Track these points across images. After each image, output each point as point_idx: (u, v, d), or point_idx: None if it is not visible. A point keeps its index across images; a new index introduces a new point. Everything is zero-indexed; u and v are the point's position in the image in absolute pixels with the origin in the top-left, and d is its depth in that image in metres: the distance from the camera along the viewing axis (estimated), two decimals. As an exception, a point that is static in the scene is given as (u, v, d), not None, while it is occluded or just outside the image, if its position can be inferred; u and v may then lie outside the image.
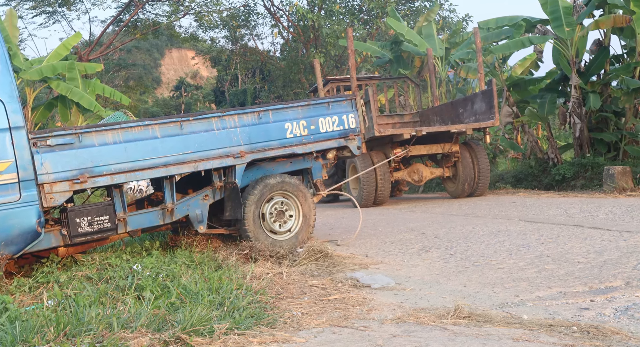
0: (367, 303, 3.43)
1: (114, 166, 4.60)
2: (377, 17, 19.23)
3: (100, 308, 2.86)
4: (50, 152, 4.32)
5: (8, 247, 4.01)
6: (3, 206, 3.97)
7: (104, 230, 4.54)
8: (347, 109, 5.87)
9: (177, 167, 4.92)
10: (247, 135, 5.30)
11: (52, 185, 4.30)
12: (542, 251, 4.56)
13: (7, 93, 4.11)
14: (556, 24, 10.26)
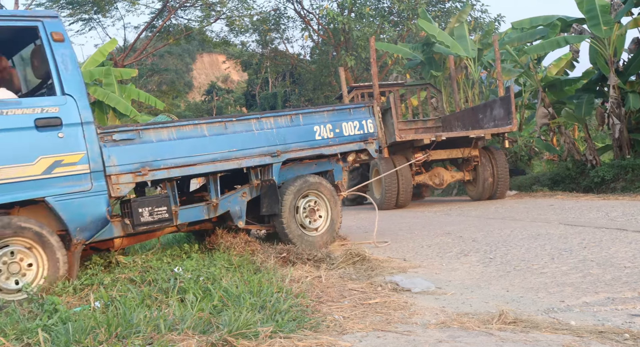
0: (408, 307, 3.40)
1: (169, 161, 4.94)
2: (407, 19, 19.13)
3: (147, 310, 2.90)
4: (115, 146, 4.65)
5: (83, 232, 4.37)
6: (78, 195, 4.30)
7: (162, 220, 4.87)
8: (366, 115, 6.35)
9: (223, 164, 5.27)
10: (282, 136, 5.69)
11: (118, 176, 4.62)
12: (585, 255, 4.47)
13: (78, 91, 4.40)
14: (593, 22, 10.05)
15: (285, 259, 5.05)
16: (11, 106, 4.13)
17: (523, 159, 14.21)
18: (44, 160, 4.16)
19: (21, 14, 4.52)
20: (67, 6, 20.47)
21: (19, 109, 4.14)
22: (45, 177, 4.14)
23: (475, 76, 14.32)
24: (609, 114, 10.41)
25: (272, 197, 5.64)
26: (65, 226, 4.26)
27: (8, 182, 3.99)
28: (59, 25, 4.47)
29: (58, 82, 4.34)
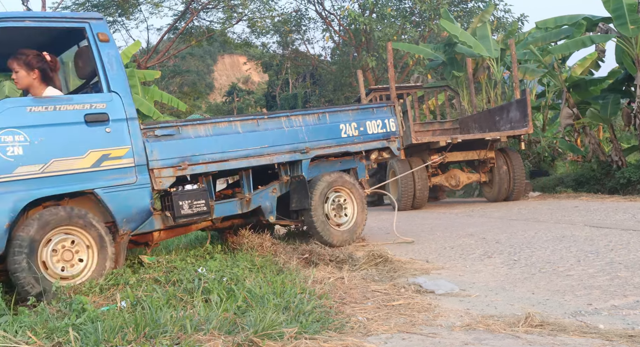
0: (432, 309, 3.38)
1: (207, 156, 5.12)
2: (429, 19, 19.03)
3: (173, 310, 2.92)
4: (157, 141, 4.85)
5: (129, 224, 4.58)
6: (124, 187, 4.51)
7: (201, 213, 5.02)
8: (388, 114, 6.57)
9: (256, 159, 5.46)
10: (310, 133, 5.87)
11: (160, 170, 4.82)
12: (612, 258, 4.40)
13: (123, 88, 4.61)
14: (620, 21, 9.89)
15: (308, 260, 5.06)
16: (63, 102, 4.34)
17: (546, 160, 14.04)
18: (93, 153, 4.35)
19: (70, 15, 4.71)
20: (92, 9, 20.74)
21: (70, 105, 4.35)
22: (94, 170, 4.35)
23: (498, 76, 14.19)
24: (635, 114, 10.24)
25: (302, 193, 5.80)
26: (112, 217, 4.46)
27: (61, 174, 4.19)
28: (104, 26, 4.66)
29: (104, 80, 4.54)
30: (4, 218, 3.94)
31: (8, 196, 3.97)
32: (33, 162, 4.08)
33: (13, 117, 4.09)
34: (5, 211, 3.95)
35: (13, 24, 4.31)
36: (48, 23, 4.54)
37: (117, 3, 20.46)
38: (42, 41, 4.74)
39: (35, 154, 4.10)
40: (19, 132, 4.07)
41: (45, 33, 4.65)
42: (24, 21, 4.37)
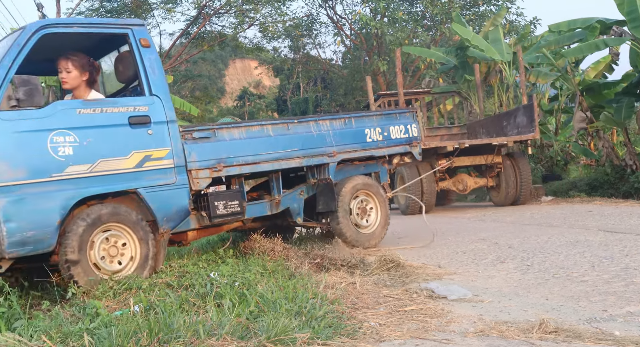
0: (445, 315, 3.36)
1: (240, 158, 5.29)
2: (441, 23, 18.99)
3: (186, 315, 2.93)
4: (194, 143, 5.01)
5: (168, 222, 4.74)
6: (165, 187, 4.67)
7: (235, 213, 5.20)
8: (411, 120, 6.73)
9: (286, 162, 5.62)
10: (337, 137, 6.03)
11: (197, 171, 4.97)
12: (627, 263, 4.35)
13: (163, 92, 4.78)
14: (634, 24, 9.82)
15: (319, 264, 5.06)
16: (109, 105, 4.52)
17: (559, 164, 13.93)
18: (136, 154, 4.52)
19: (114, 22, 4.90)
20: (106, 14, 20.93)
21: (115, 107, 4.53)
22: (137, 170, 4.51)
23: (510, 80, 14.12)
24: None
25: (329, 195, 5.94)
26: (153, 215, 4.61)
27: (107, 174, 4.35)
28: (145, 32, 4.85)
29: (146, 84, 4.71)
30: (55, 215, 4.08)
31: (59, 194, 4.12)
32: (82, 162, 4.24)
33: (64, 118, 4.25)
34: (57, 209, 4.09)
35: (63, 29, 4.47)
36: (94, 29, 4.72)
37: (130, 8, 20.62)
38: (84, 46, 4.90)
39: (83, 154, 4.26)
40: (69, 133, 4.23)
41: (89, 38, 4.82)
42: (72, 27, 4.55)
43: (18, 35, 4.31)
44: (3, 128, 3.99)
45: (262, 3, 21.51)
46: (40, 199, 4.04)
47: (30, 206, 3.99)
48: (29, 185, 4.01)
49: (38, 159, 4.07)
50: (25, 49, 4.21)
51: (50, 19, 4.66)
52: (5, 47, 4.34)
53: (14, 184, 3.96)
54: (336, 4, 22.50)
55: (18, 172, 3.99)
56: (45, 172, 4.08)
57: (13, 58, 4.15)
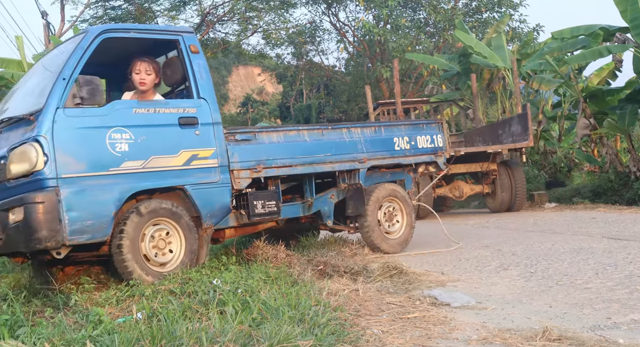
0: (448, 322, 3.36)
1: (278, 161, 5.53)
2: (444, 30, 19.02)
3: (188, 322, 2.93)
4: (237, 145, 5.26)
5: (211, 219, 4.99)
6: (209, 185, 4.93)
7: (272, 213, 5.41)
8: (436, 130, 6.93)
9: (320, 166, 5.85)
10: (367, 145, 6.24)
11: (239, 171, 5.22)
12: (631, 271, 4.34)
13: (210, 96, 5.05)
14: (637, 31, 9.82)
15: (322, 271, 5.05)
16: (161, 106, 4.82)
17: (563, 170, 13.91)
18: (185, 153, 4.78)
19: (167, 28, 5.30)
20: (109, 22, 21.04)
21: (167, 108, 4.82)
22: (185, 168, 4.78)
23: (513, 87, 14.12)
24: (653, 125, 10.14)
25: (359, 200, 6.10)
26: (198, 212, 4.85)
27: (158, 170, 4.63)
28: (194, 39, 5.14)
29: (195, 88, 4.99)
30: (111, 207, 4.33)
31: (116, 187, 4.38)
32: (136, 158, 4.51)
33: (121, 117, 4.53)
34: (113, 201, 4.35)
35: (122, 34, 4.81)
36: (149, 35, 5.07)
37: (134, 16, 20.73)
38: (137, 50, 5.14)
39: (138, 151, 4.52)
40: (126, 131, 4.50)
41: (141, 43, 5.08)
42: (130, 32, 4.87)
43: (81, 38, 4.59)
44: (68, 124, 4.27)
45: (266, 10, 21.61)
46: (99, 191, 4.30)
47: (89, 197, 4.25)
48: (89, 177, 4.28)
49: (97, 153, 4.35)
50: (88, 51, 4.50)
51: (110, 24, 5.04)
52: (69, 49, 4.61)
53: (76, 176, 4.23)
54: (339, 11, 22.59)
55: (80, 165, 4.26)
56: (103, 166, 4.36)
57: (78, 59, 4.44)
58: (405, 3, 20.12)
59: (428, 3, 19.09)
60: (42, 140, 4.14)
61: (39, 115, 4.24)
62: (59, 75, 4.37)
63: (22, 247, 4.20)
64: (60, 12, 18.98)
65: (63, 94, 4.30)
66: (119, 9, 20.98)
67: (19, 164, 4.18)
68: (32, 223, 4.04)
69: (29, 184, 4.17)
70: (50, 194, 4.09)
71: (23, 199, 4.12)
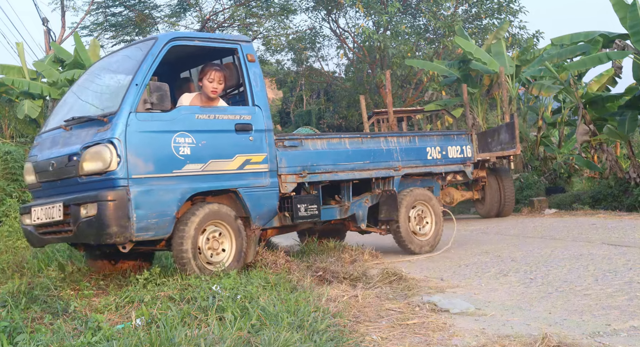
0: (447, 329, 3.36)
1: (321, 167, 5.81)
2: (443, 36, 19.04)
3: (187, 329, 2.93)
4: (284, 151, 5.53)
5: (260, 220, 5.25)
6: (259, 188, 5.20)
7: (313, 216, 5.68)
8: (466, 141, 7.25)
9: (359, 173, 6.15)
10: (402, 153, 6.56)
11: (286, 176, 5.49)
12: (631, 277, 4.33)
13: (264, 103, 5.33)
14: (637, 38, 9.84)
15: (322, 277, 5.05)
16: (220, 112, 5.10)
17: (563, 176, 13.90)
18: (239, 158, 5.06)
19: (227, 37, 5.56)
20: (110, 28, 21.10)
21: (225, 114, 5.09)
22: (239, 172, 5.05)
23: (513, 93, 14.15)
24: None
25: (392, 205, 6.38)
26: (248, 213, 5.12)
27: (215, 173, 4.90)
28: (252, 48, 5.39)
29: (250, 95, 5.27)
30: (173, 207, 4.61)
31: (178, 188, 4.66)
32: (197, 161, 4.77)
33: (186, 122, 4.79)
34: (175, 201, 4.62)
35: (187, 42, 5.10)
36: (211, 43, 5.34)
37: (134, 22, 20.79)
38: (196, 57, 5.47)
39: (199, 154, 4.79)
40: (189, 135, 4.76)
41: (202, 50, 5.36)
42: (194, 40, 5.20)
43: (151, 45, 4.84)
44: (139, 127, 4.53)
45: (266, 17, 21.68)
46: (163, 191, 4.58)
47: (155, 197, 4.53)
48: (155, 178, 4.56)
49: (163, 156, 4.62)
50: (158, 58, 4.77)
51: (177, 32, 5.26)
52: (139, 55, 4.88)
53: (144, 176, 4.51)
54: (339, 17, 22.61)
55: (148, 166, 4.54)
56: (168, 168, 4.63)
57: (149, 66, 4.70)
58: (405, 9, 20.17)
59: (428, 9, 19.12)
60: (116, 142, 4.40)
61: (112, 117, 4.49)
62: (132, 80, 4.61)
63: (92, 240, 4.48)
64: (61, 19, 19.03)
65: (135, 99, 4.55)
66: (120, 16, 21.04)
67: (93, 162, 4.45)
68: (104, 219, 4.32)
69: (102, 182, 4.46)
70: (121, 192, 4.38)
71: (97, 196, 4.38)
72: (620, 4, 10.40)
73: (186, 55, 5.47)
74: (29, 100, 11.31)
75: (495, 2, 19.33)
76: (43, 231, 4.85)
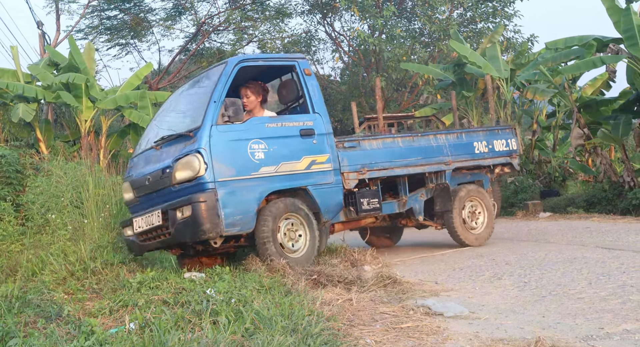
0: (441, 332, 3.36)
1: (379, 164, 6.36)
2: (438, 40, 19.10)
3: (181, 333, 2.92)
4: (345, 151, 6.12)
5: (328, 214, 5.89)
6: (326, 185, 5.82)
7: (375, 209, 6.27)
8: (510, 135, 7.63)
9: (413, 169, 6.66)
10: (452, 149, 6.99)
11: (348, 174, 6.06)
12: (624, 281, 4.35)
13: (322, 110, 5.99)
14: (630, 42, 9.89)
15: (316, 281, 5.04)
16: (286, 120, 5.81)
17: (557, 180, 13.95)
18: (306, 159, 5.70)
19: (286, 56, 6.51)
20: (105, 31, 21.06)
21: (289, 122, 5.79)
22: (306, 172, 5.69)
23: (508, 97, 14.20)
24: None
25: (445, 198, 6.88)
26: (318, 208, 5.74)
27: (286, 174, 5.55)
28: (307, 63, 6.14)
29: (310, 104, 5.95)
30: (254, 204, 5.28)
31: (256, 188, 5.32)
32: (270, 164, 5.44)
33: (258, 130, 5.49)
34: (255, 199, 5.29)
35: (252, 63, 5.87)
36: (272, 62, 6.19)
37: (129, 26, 20.77)
38: (257, 74, 6.17)
39: (271, 158, 5.46)
40: (261, 142, 5.45)
41: (264, 68, 6.12)
42: (259, 61, 6.03)
43: (223, 67, 5.58)
44: (220, 138, 5.24)
45: (261, 20, 21.69)
46: (244, 191, 5.25)
47: (238, 197, 5.20)
48: (236, 181, 5.24)
49: (242, 161, 5.31)
50: (230, 77, 5.50)
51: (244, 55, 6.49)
52: (213, 77, 5.61)
53: (228, 179, 5.19)
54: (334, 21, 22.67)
55: (230, 170, 5.22)
56: (246, 171, 5.31)
57: (223, 85, 5.43)
58: (400, 13, 20.22)
59: (423, 13, 19.19)
60: (203, 152, 5.09)
61: (197, 132, 5.21)
62: (210, 98, 5.32)
63: (188, 238, 5.15)
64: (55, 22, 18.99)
65: (215, 114, 5.25)
66: (115, 19, 21.00)
67: (184, 171, 5.16)
68: (198, 218, 4.99)
69: (193, 187, 5.13)
70: (210, 194, 5.06)
71: (190, 198, 5.05)
72: (614, 9, 10.46)
73: (260, 75, 6.21)
74: (24, 103, 11.28)
75: (490, 6, 19.41)
76: (144, 238, 5.50)
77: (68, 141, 12.91)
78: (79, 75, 11.33)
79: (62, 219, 6.56)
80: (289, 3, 21.84)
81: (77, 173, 7.27)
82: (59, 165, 7.58)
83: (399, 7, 19.93)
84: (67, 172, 7.30)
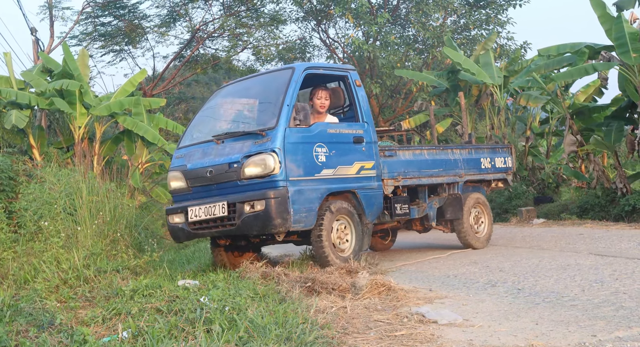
0: (435, 340, 3.36)
1: (411, 173, 6.88)
2: (432, 47, 19.17)
3: (174, 341, 2.91)
4: (385, 159, 6.57)
5: (371, 216, 6.27)
6: (370, 190, 6.26)
7: (405, 214, 6.75)
8: (507, 154, 8.38)
9: (435, 178, 7.21)
10: (464, 163, 7.65)
11: (387, 180, 6.53)
12: (617, 288, 4.36)
13: (370, 120, 6.42)
14: (622, 50, 9.96)
15: (310, 288, 5.03)
16: (344, 127, 6.23)
17: (551, 186, 14.00)
18: (357, 164, 6.13)
19: (340, 67, 7.19)
20: (99, 38, 21.05)
21: (345, 129, 6.20)
22: (356, 176, 6.13)
23: (501, 103, 14.27)
24: (639, 141, 10.24)
25: (457, 206, 7.41)
26: (363, 210, 6.15)
27: (341, 177, 5.99)
28: (357, 75, 6.60)
29: (360, 113, 6.39)
30: (316, 203, 5.67)
31: (318, 188, 5.74)
32: (330, 167, 5.88)
33: (321, 135, 5.91)
34: (317, 199, 5.69)
35: (314, 71, 6.25)
36: (329, 71, 6.64)
37: (124, 32, 20.76)
38: (313, 82, 6.50)
39: (331, 161, 5.89)
40: (324, 146, 5.86)
41: (319, 77, 6.50)
42: (319, 69, 6.42)
43: (292, 73, 5.93)
44: (292, 140, 5.60)
45: (256, 27, 21.73)
46: (309, 191, 5.64)
47: (304, 196, 5.60)
48: (303, 180, 5.64)
49: (308, 162, 5.71)
50: (298, 83, 5.89)
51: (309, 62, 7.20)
52: (282, 82, 5.93)
53: (297, 179, 5.58)
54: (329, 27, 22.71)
55: (299, 170, 5.62)
56: (311, 172, 5.73)
57: (294, 89, 5.79)
58: (394, 20, 20.30)
59: (417, 20, 19.26)
60: (278, 151, 5.47)
61: (270, 132, 5.56)
62: (283, 102, 5.67)
63: (256, 231, 5.50)
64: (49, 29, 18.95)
65: (288, 117, 5.60)
66: (109, 26, 21.00)
67: (256, 168, 5.50)
68: (270, 213, 5.34)
69: (264, 183, 5.49)
70: (282, 191, 5.43)
71: (264, 194, 5.39)
72: (605, 17, 10.54)
73: (312, 84, 6.56)
74: (17, 110, 11.22)
75: (484, 14, 19.52)
76: (197, 227, 5.82)
77: (61, 148, 12.86)
78: (73, 81, 11.30)
79: (55, 226, 6.53)
80: (284, 10, 21.88)
81: (70, 180, 7.24)
82: (52, 172, 7.55)
83: (393, 14, 20.01)
84: (61, 179, 7.27)
